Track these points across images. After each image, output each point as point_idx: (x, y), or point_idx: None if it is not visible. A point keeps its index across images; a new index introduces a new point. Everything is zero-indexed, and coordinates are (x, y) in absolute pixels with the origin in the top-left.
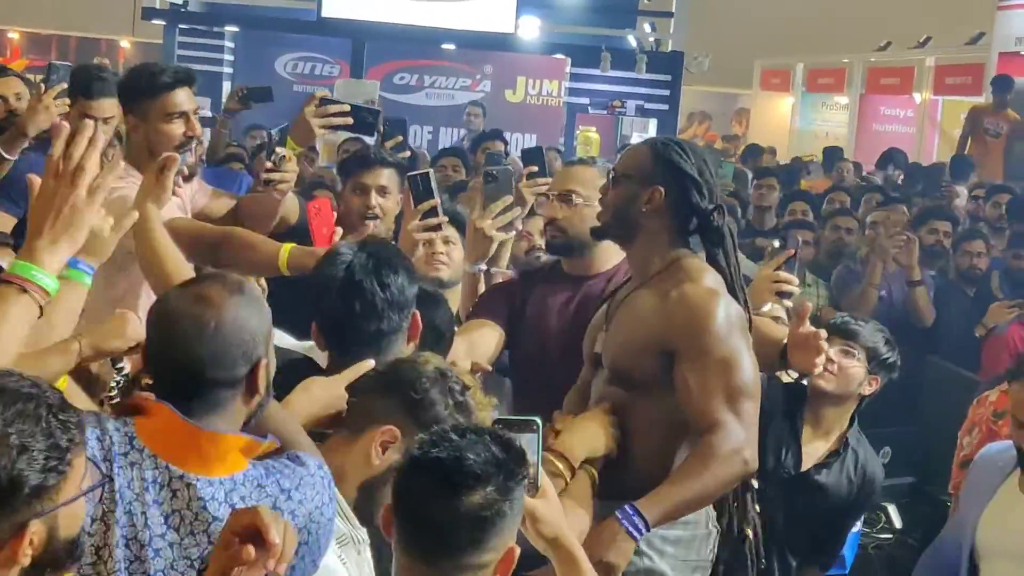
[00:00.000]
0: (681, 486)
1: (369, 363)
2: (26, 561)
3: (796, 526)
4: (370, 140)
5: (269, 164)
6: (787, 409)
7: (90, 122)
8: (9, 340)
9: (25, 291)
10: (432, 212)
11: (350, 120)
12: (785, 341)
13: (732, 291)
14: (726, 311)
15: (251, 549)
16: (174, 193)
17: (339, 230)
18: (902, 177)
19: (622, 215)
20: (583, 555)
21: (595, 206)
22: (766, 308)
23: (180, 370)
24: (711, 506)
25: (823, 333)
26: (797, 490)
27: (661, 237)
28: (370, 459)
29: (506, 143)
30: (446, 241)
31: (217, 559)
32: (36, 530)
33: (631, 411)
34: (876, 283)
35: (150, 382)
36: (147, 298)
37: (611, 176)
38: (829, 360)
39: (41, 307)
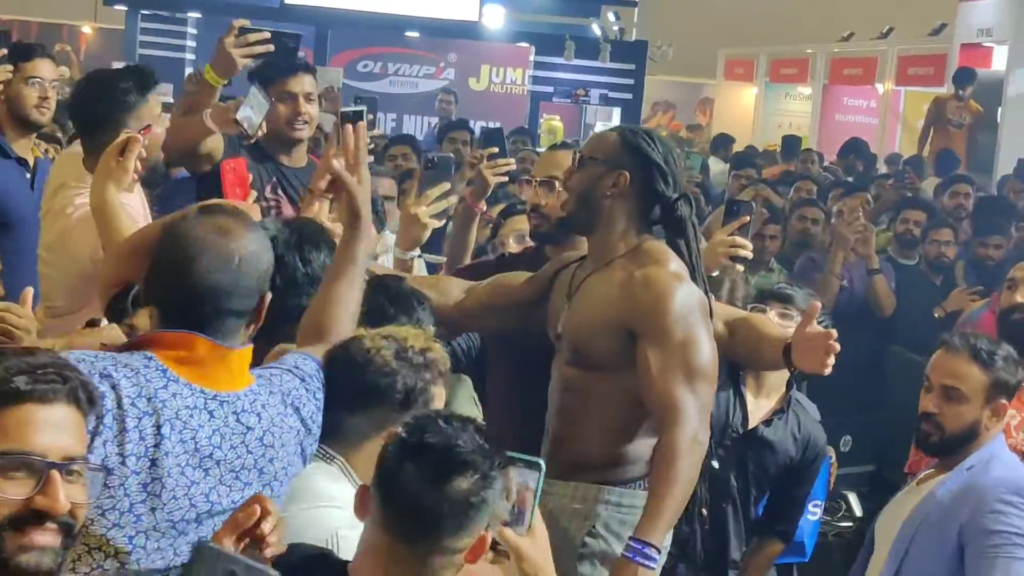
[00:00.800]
0: (666, 494)
1: None
2: None
3: (748, 486)
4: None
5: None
6: (730, 373)
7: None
8: None
9: None
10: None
11: (271, 47)
12: (788, 340)
13: (694, 279)
14: (688, 295)
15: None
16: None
17: (254, 192)
18: (863, 166)
19: (586, 198)
20: None
21: None
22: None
23: (198, 299)
24: None
25: (834, 333)
26: (747, 446)
27: (624, 223)
28: None
29: (472, 132)
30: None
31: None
32: None
33: (589, 390)
34: (837, 272)
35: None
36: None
37: (577, 159)
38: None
39: None
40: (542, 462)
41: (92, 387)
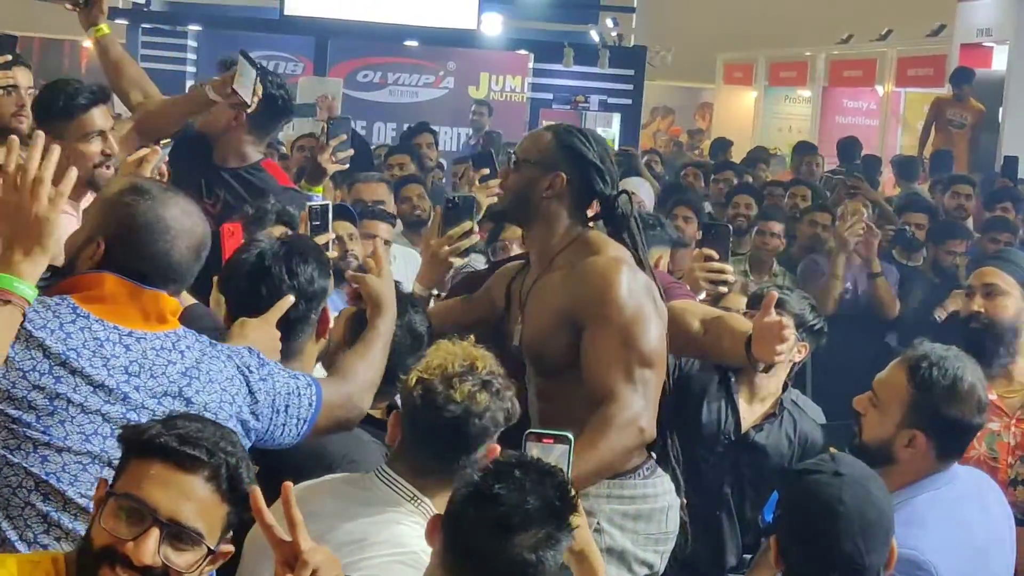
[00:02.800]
0: (579, 458)
1: (289, 299)
2: None
3: (744, 492)
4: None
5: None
6: (721, 377)
7: (42, 134)
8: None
9: (8, 302)
10: (324, 246)
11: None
12: (750, 333)
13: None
14: (630, 278)
15: None
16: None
17: None
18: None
19: (522, 199)
20: (603, 569)
21: None
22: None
23: (158, 274)
24: (669, 478)
25: (788, 321)
26: (739, 452)
27: (561, 220)
28: None
29: (435, 134)
30: (351, 237)
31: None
32: None
33: (561, 397)
34: (839, 275)
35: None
36: None
37: (512, 161)
38: None
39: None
40: (570, 435)
41: (242, 476)
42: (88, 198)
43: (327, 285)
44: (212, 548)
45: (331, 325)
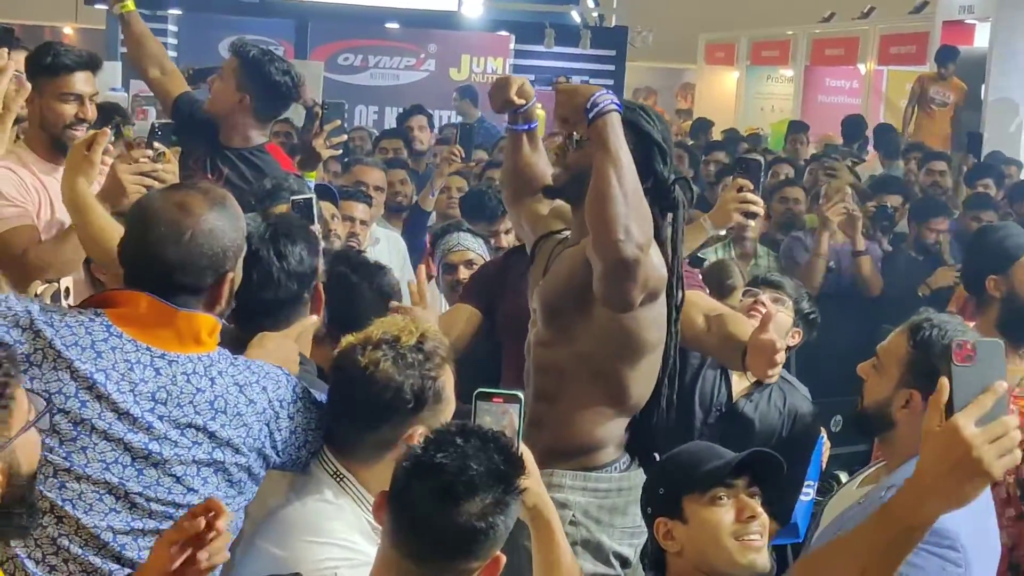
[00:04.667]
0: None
1: (313, 319)
2: None
3: None
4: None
5: (147, 155)
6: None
7: (3, 51)
8: None
9: None
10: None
11: None
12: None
13: (672, 261)
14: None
15: (202, 521)
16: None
17: None
18: (856, 146)
19: (581, 178)
20: (559, 525)
21: None
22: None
23: (150, 268)
24: (643, 471)
25: (779, 344)
26: (729, 423)
27: None
28: None
29: (429, 116)
30: (333, 218)
31: (175, 528)
32: None
33: (562, 369)
34: (823, 253)
35: None
36: None
37: (576, 138)
38: (760, 303)
39: None
40: (520, 393)
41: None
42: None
43: (316, 263)
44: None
45: (323, 299)
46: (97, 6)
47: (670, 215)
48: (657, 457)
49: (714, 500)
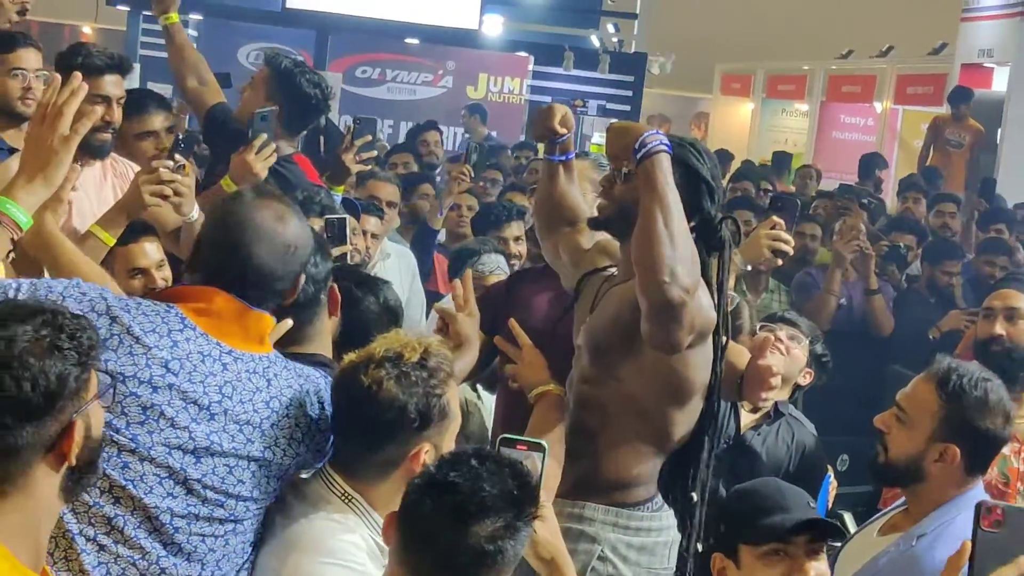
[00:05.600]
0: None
1: (287, 323)
2: (73, 460)
3: None
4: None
5: (167, 166)
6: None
7: (78, 74)
8: None
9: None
10: (343, 258)
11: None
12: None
13: (717, 299)
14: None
15: None
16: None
17: None
18: (872, 185)
19: (629, 211)
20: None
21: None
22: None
23: (243, 273)
24: (673, 513)
25: (777, 369)
26: (736, 455)
27: None
28: None
29: (441, 133)
30: (354, 232)
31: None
32: (78, 427)
33: (602, 406)
34: (834, 290)
35: None
36: None
37: (623, 171)
38: (778, 339)
39: (13, 240)
40: (544, 443)
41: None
42: (98, 170)
43: (330, 265)
44: None
45: (339, 300)
46: (118, 7)
47: (717, 258)
48: (694, 498)
49: (769, 555)
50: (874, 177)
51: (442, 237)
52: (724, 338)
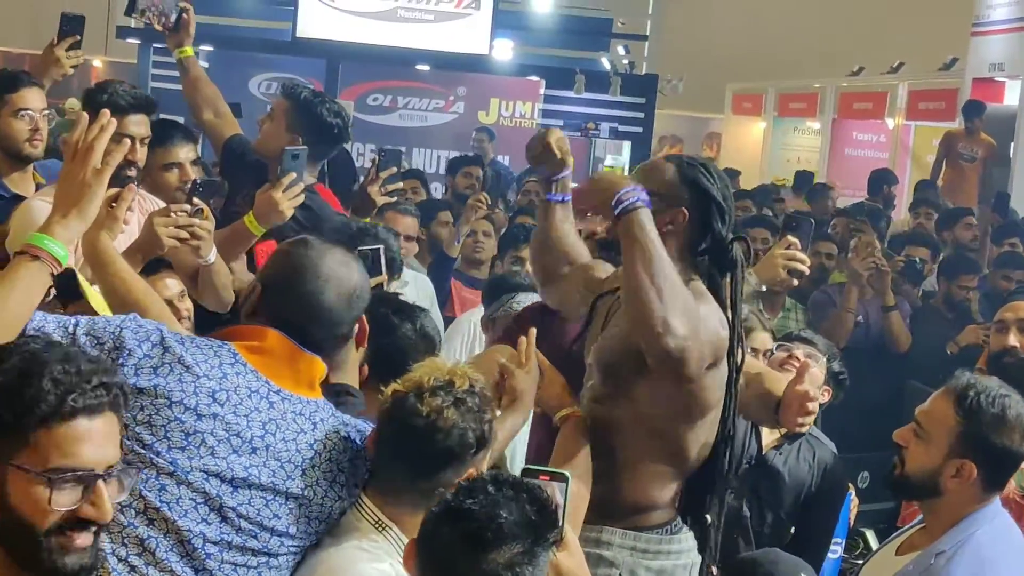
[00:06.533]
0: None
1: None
2: None
3: (763, 516)
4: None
5: (185, 210)
6: None
7: (106, 111)
8: (23, 302)
9: (37, 258)
10: (378, 287)
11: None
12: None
13: (731, 321)
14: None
15: None
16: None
17: None
18: (882, 202)
19: None
20: None
21: None
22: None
23: (311, 318)
24: (692, 535)
25: (816, 395)
26: (758, 475)
27: (671, 254)
28: None
29: (484, 168)
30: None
31: None
32: None
33: (616, 426)
34: (852, 308)
35: None
36: None
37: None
38: (795, 358)
39: (52, 274)
40: (568, 473)
41: (128, 387)
42: (151, 204)
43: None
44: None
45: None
46: (129, 40)
47: (728, 279)
48: (709, 519)
49: None
50: (883, 193)
51: (457, 262)
52: (740, 356)
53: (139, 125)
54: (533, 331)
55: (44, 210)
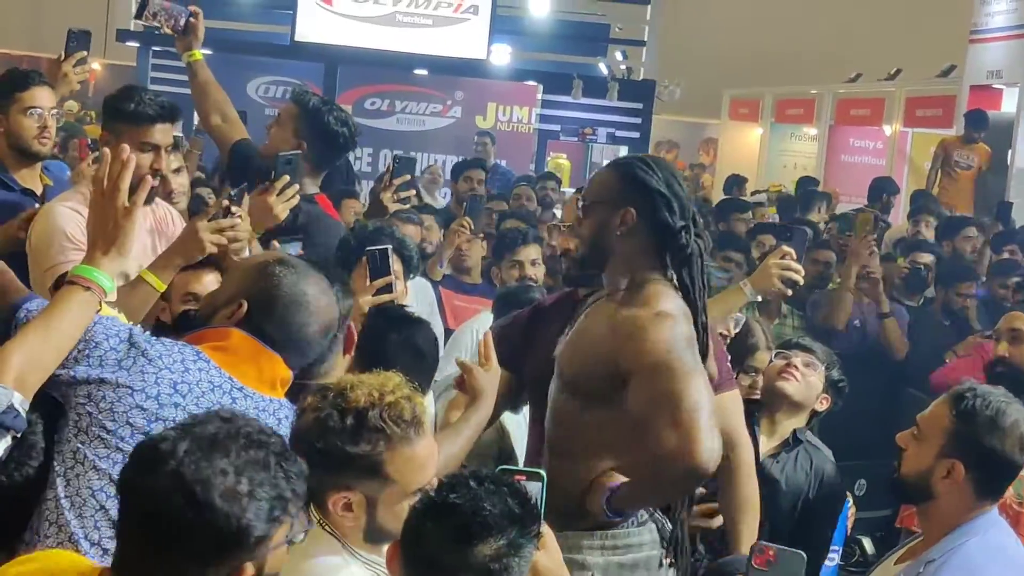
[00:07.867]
0: (642, 495)
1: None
2: None
3: (760, 524)
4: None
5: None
6: (745, 413)
7: (125, 147)
8: (74, 329)
9: (88, 288)
10: (387, 288)
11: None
12: None
13: (696, 317)
14: (671, 333)
15: None
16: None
17: None
18: (880, 208)
19: (599, 243)
20: None
21: None
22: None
23: (291, 347)
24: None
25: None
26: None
27: (632, 259)
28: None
29: (487, 171)
30: None
31: None
32: (249, 572)
33: (579, 422)
34: (851, 286)
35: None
36: None
37: (581, 205)
38: (794, 366)
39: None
40: (543, 472)
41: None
42: (164, 211)
43: (351, 303)
44: None
45: (355, 340)
46: (128, 43)
47: (685, 272)
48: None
49: None
50: (883, 200)
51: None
52: (706, 347)
53: (165, 134)
54: (489, 333)
55: (67, 215)
